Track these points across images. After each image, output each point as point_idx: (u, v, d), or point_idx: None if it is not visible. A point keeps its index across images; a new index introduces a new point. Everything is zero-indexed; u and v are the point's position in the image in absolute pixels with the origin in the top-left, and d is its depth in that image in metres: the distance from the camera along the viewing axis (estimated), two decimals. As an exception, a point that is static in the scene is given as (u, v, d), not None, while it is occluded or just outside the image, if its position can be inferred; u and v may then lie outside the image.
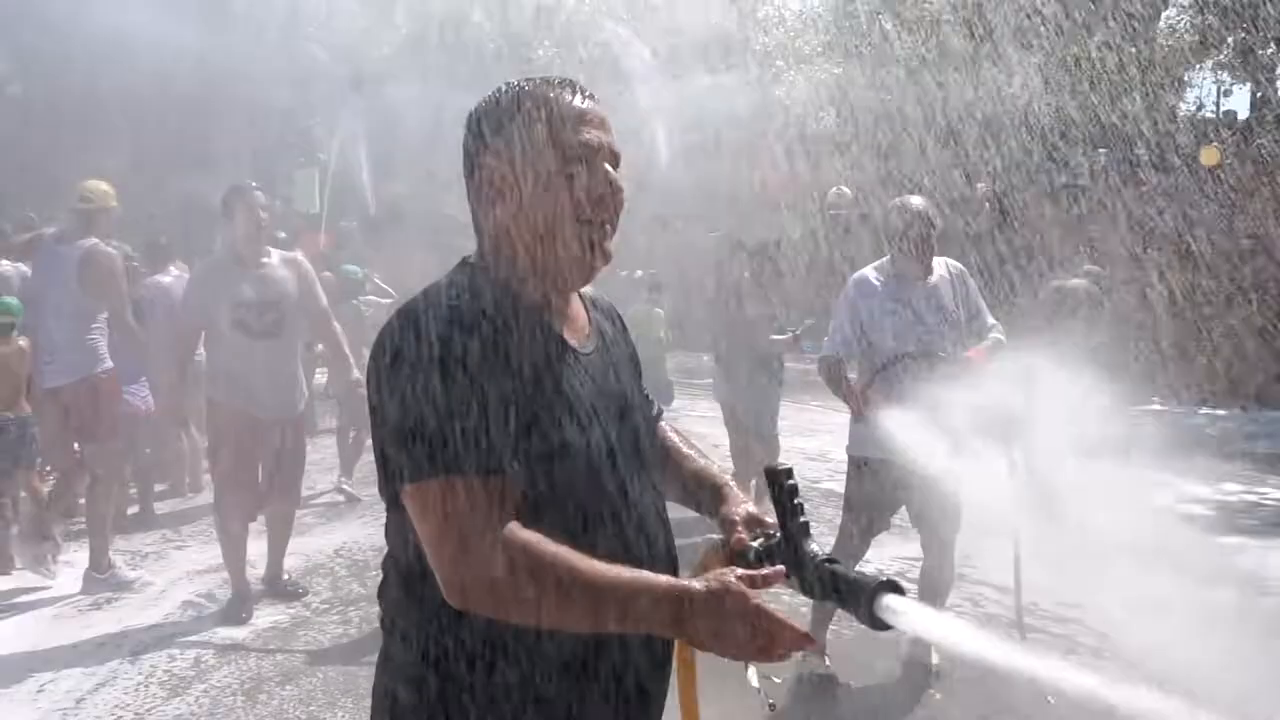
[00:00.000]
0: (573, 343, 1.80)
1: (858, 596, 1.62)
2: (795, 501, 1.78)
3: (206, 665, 5.26)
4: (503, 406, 1.61)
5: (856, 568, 1.80)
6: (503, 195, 1.76)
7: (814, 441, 10.50)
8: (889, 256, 5.15)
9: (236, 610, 5.90)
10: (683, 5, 25.56)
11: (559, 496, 1.68)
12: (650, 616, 1.59)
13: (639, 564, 1.71)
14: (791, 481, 1.78)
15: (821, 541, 1.82)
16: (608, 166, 1.78)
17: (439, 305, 1.65)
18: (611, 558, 1.65)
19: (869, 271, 5.19)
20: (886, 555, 6.39)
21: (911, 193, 5.69)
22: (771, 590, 1.69)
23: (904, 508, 5.14)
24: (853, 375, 5.07)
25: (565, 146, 1.74)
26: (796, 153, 22.21)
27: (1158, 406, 13.15)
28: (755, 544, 1.83)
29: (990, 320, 5.18)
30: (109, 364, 6.48)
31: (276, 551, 6.28)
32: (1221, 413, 12.85)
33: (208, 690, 4.95)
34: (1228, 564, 6.26)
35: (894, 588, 1.62)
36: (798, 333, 7.90)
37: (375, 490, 1.75)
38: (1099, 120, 24.16)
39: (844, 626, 5.18)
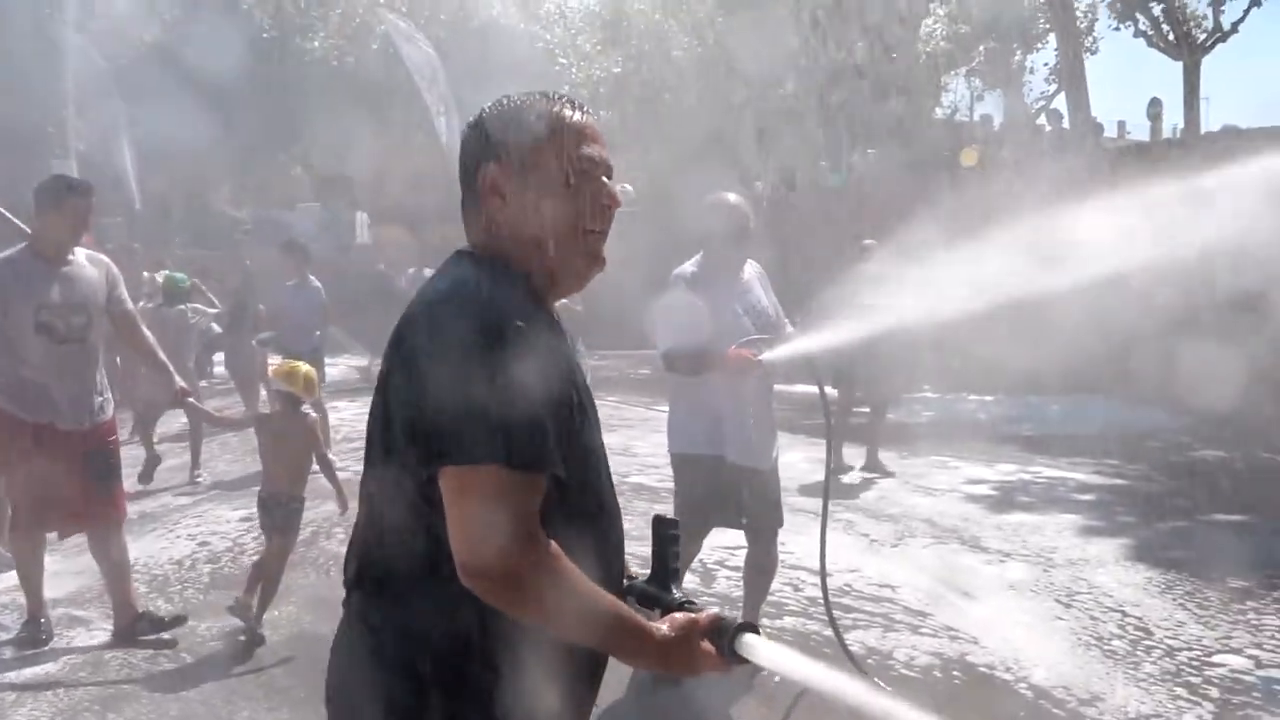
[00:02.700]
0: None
1: (720, 635, 1.79)
2: (673, 550, 1.91)
3: (6, 703, 4.85)
4: (557, 407, 1.67)
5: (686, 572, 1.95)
6: (508, 201, 1.79)
7: (615, 437, 10.62)
8: (702, 254, 5.13)
9: (34, 636, 5.45)
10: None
11: (587, 497, 1.76)
12: (639, 652, 1.74)
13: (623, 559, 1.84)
14: (675, 533, 1.93)
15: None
16: (605, 179, 1.83)
17: (493, 300, 1.67)
18: (616, 554, 1.78)
19: (689, 268, 5.21)
20: (706, 544, 6.54)
21: (699, 192, 5.70)
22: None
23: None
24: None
25: (571, 160, 1.79)
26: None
27: (929, 394, 13.96)
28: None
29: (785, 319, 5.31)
30: None
31: (119, 587, 5.33)
32: (988, 399, 13.70)
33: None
34: (1017, 541, 6.74)
35: (751, 628, 1.80)
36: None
37: (165, 502, 1.69)
38: (865, 121, 25.38)
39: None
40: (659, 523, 1.91)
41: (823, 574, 4.70)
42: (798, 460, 8.67)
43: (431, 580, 1.65)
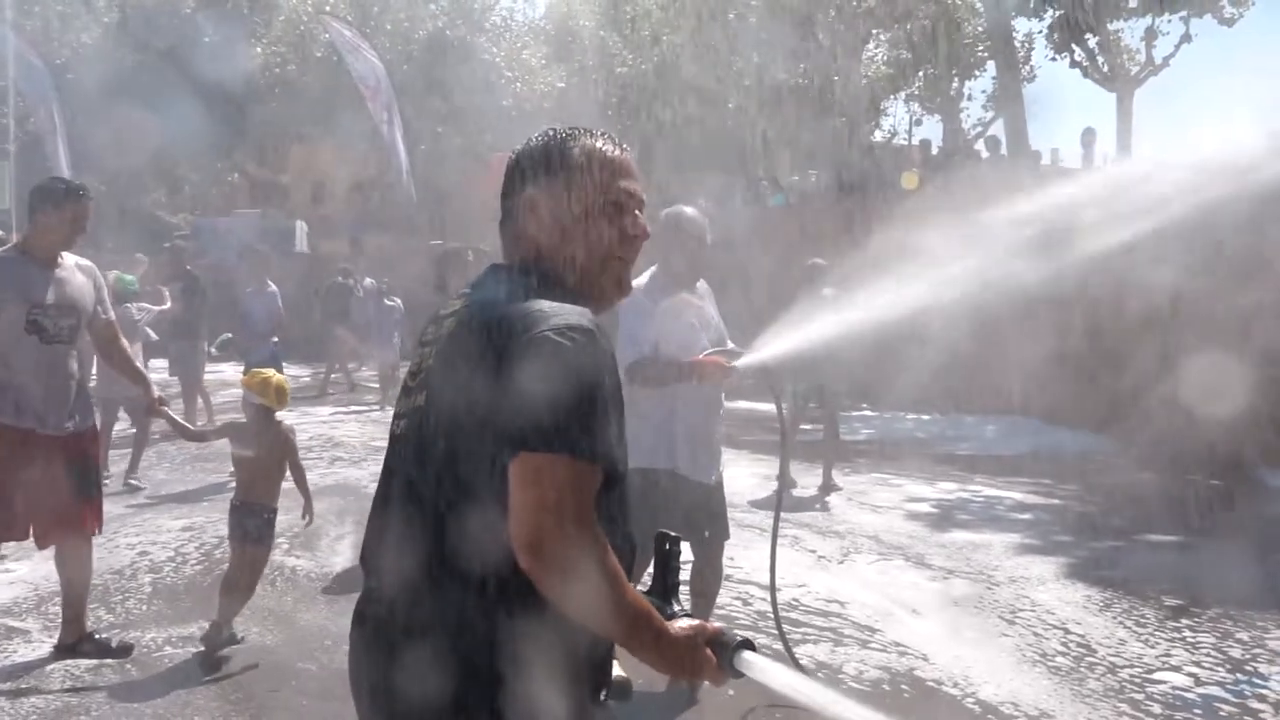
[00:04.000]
0: None
1: (722, 648, 1.85)
2: (675, 564, 1.99)
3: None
4: (620, 408, 1.78)
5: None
6: (545, 224, 1.93)
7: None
8: (657, 267, 5.14)
9: None
10: (410, 11, 25.28)
11: (615, 496, 1.82)
12: (653, 646, 1.77)
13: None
14: (677, 549, 2.00)
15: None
16: (637, 212, 2.00)
17: (570, 309, 1.77)
18: (630, 555, 1.87)
19: (644, 280, 5.22)
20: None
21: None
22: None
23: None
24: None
25: (610, 193, 1.94)
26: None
27: (868, 411, 14.15)
28: None
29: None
30: None
31: (76, 601, 5.12)
32: (925, 418, 13.91)
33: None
34: (960, 558, 6.85)
35: (750, 645, 1.87)
36: None
37: (104, 511, 1.70)
38: (806, 142, 25.66)
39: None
40: (661, 538, 1.97)
41: (772, 588, 4.76)
42: (742, 475, 8.76)
43: (499, 576, 1.71)
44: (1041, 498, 8.98)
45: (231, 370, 15.63)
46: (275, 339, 9.69)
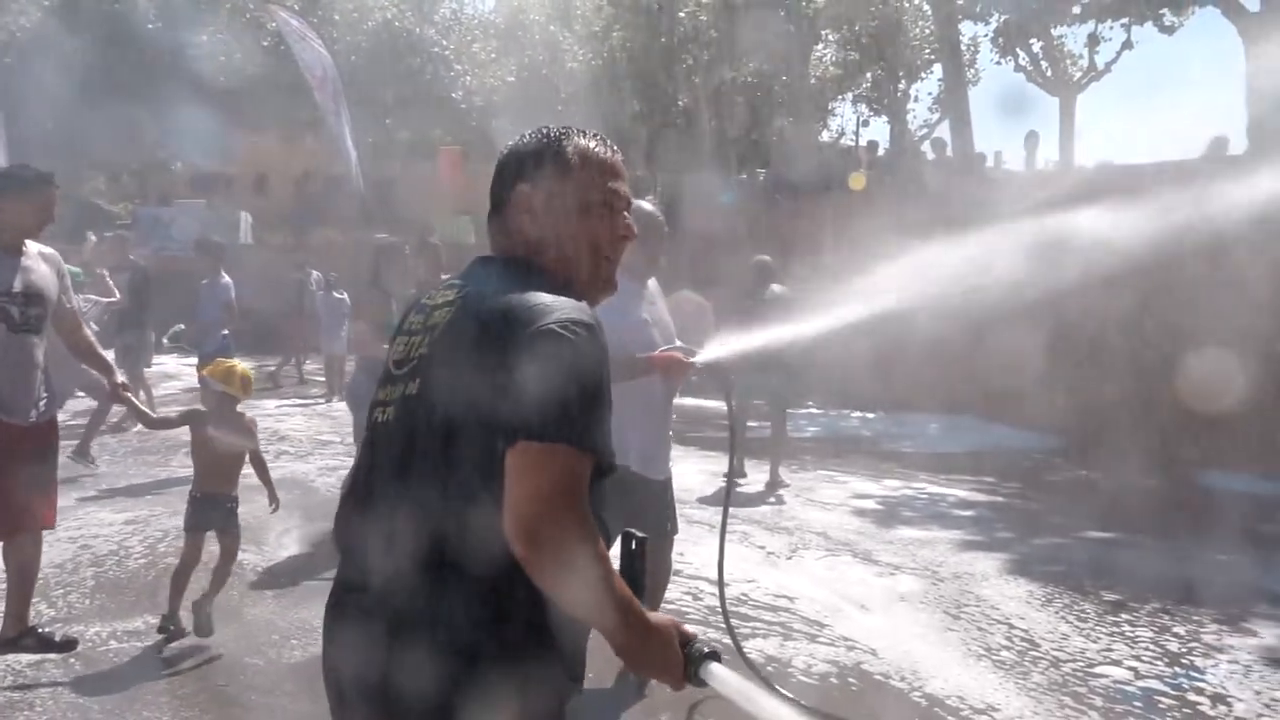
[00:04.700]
0: None
1: (689, 658, 1.86)
2: (641, 565, 1.97)
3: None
4: (609, 401, 1.79)
5: None
6: (537, 220, 1.96)
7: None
8: None
9: None
10: (359, 2, 25.03)
11: (599, 490, 1.82)
12: (633, 632, 1.76)
13: None
14: (645, 549, 1.99)
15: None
16: (625, 213, 2.03)
17: (571, 303, 1.80)
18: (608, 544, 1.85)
19: None
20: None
21: None
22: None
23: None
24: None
25: (601, 192, 1.99)
26: (476, 155, 22.21)
27: (813, 409, 14.26)
28: None
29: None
30: None
31: (21, 596, 4.90)
32: (870, 416, 14.05)
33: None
34: (906, 554, 6.94)
35: (716, 657, 1.88)
36: None
37: None
38: (753, 141, 25.78)
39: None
40: (627, 538, 1.97)
41: (720, 582, 4.79)
42: (691, 472, 8.80)
43: (495, 565, 1.71)
44: (984, 495, 9.10)
45: (174, 362, 15.45)
46: (226, 331, 9.59)
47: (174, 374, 15.15)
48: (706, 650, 1.85)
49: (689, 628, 1.88)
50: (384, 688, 1.78)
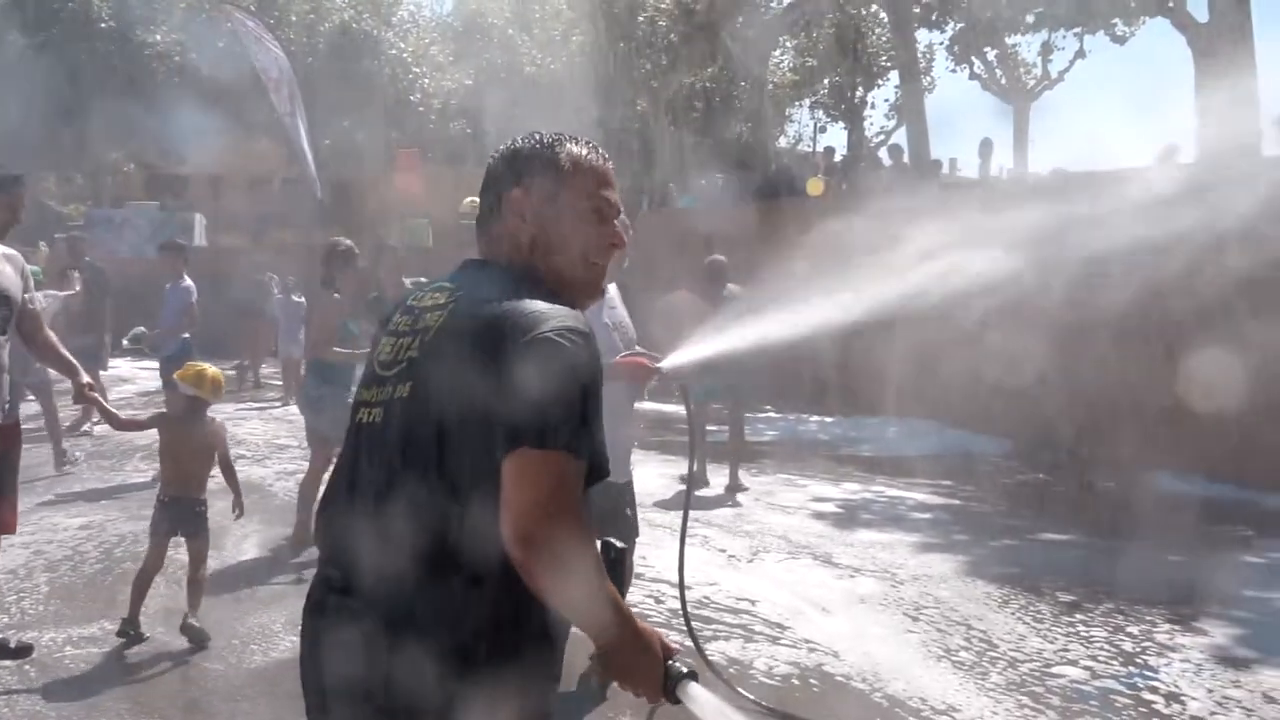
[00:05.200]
0: None
1: (667, 675, 1.86)
2: (619, 573, 2.00)
3: None
4: (600, 408, 1.80)
5: None
6: (528, 225, 1.97)
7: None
8: None
9: None
10: (316, 3, 24.84)
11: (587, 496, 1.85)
12: (621, 632, 1.78)
13: None
14: (624, 558, 2.04)
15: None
16: (614, 221, 2.05)
17: (565, 311, 1.82)
18: None
19: None
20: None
21: None
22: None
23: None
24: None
25: (593, 199, 2.00)
26: (434, 158, 22.12)
27: (771, 413, 14.34)
28: None
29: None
30: None
31: None
32: (828, 420, 14.13)
33: None
34: (866, 557, 6.99)
35: (694, 676, 1.89)
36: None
37: None
38: (712, 147, 25.87)
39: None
40: (605, 547, 1.97)
41: (681, 585, 4.81)
42: (651, 476, 8.82)
43: (488, 567, 1.73)
44: (942, 498, 9.19)
45: (128, 366, 15.26)
46: (187, 334, 9.48)
47: (128, 377, 14.98)
48: (685, 670, 1.86)
49: (672, 643, 1.89)
50: (373, 689, 1.77)
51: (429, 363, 1.84)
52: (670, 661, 1.85)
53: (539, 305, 1.80)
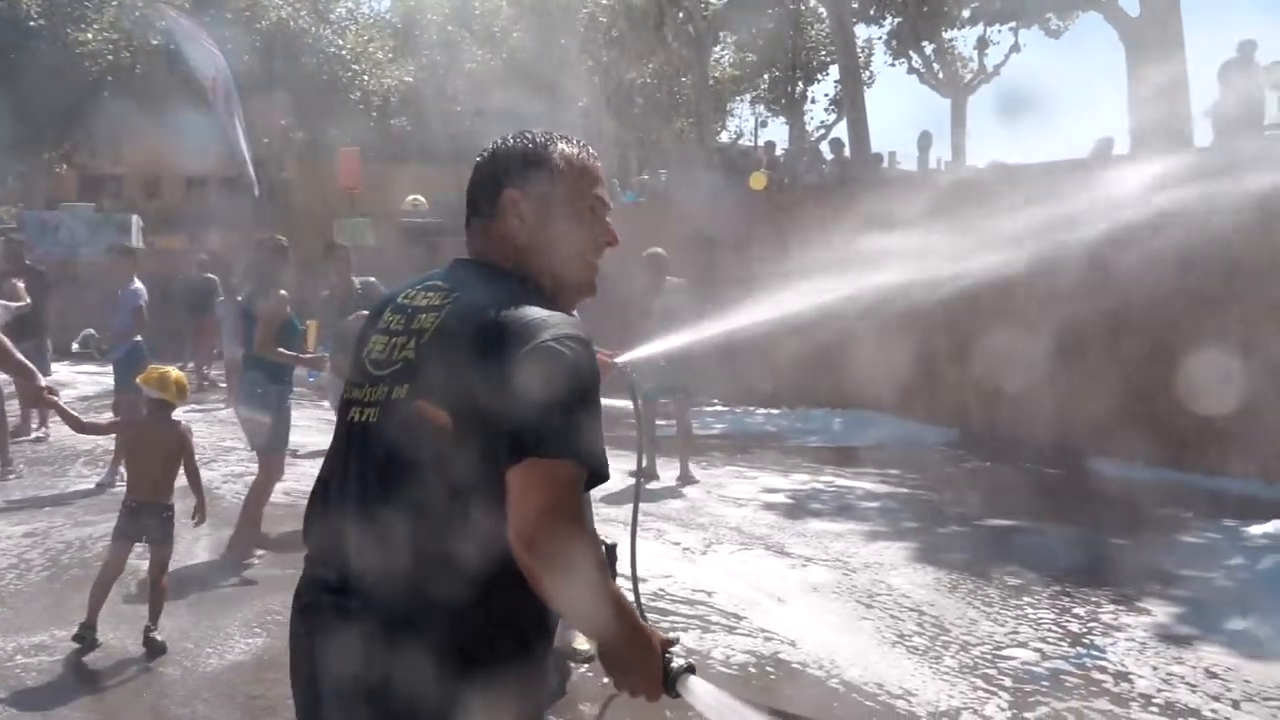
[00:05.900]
0: None
1: (665, 670, 1.89)
2: (613, 573, 2.01)
3: None
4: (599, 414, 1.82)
5: None
6: (525, 224, 1.97)
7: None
8: None
9: None
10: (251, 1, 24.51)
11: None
12: (621, 629, 1.79)
13: None
14: (615, 556, 2.02)
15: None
16: (607, 219, 2.06)
17: (564, 318, 1.83)
18: None
19: None
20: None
21: None
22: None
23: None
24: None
25: (587, 198, 2.02)
26: (374, 156, 21.90)
27: (719, 406, 14.43)
28: None
29: None
30: None
31: None
32: (775, 412, 14.23)
33: None
34: (818, 546, 7.07)
35: (692, 670, 1.92)
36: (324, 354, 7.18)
37: None
38: (653, 141, 25.93)
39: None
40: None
41: (634, 572, 4.83)
42: (603, 471, 8.83)
43: (486, 568, 1.74)
44: (890, 487, 9.31)
45: (68, 371, 14.97)
46: (139, 337, 9.32)
47: (67, 382, 14.70)
48: (684, 664, 1.88)
49: (667, 638, 1.91)
50: (371, 689, 1.77)
51: (428, 365, 1.83)
52: (669, 656, 1.87)
53: (539, 312, 1.81)
